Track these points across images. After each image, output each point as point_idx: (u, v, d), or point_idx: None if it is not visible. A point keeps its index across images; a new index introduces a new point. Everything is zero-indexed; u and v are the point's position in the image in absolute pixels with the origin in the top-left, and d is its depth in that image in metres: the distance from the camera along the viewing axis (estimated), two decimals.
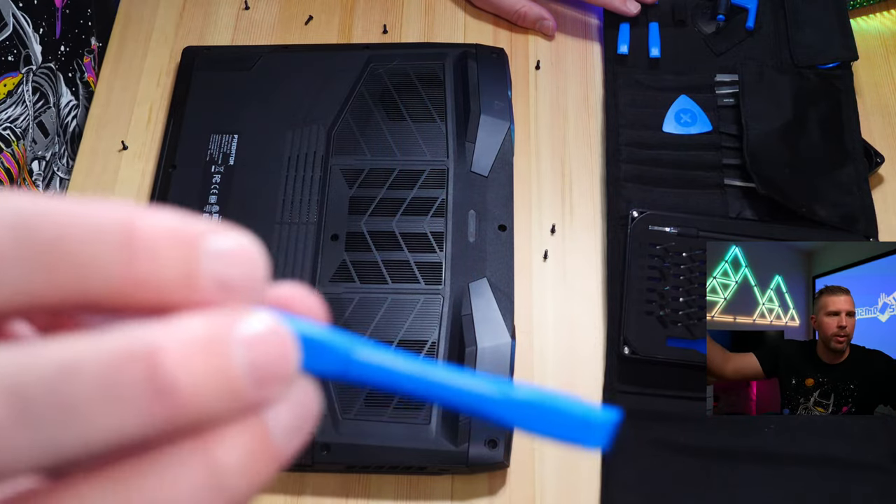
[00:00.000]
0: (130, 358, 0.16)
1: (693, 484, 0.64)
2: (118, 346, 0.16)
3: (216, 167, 0.75)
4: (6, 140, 0.71)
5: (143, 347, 0.16)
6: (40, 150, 0.78)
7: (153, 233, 0.17)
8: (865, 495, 0.64)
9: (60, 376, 0.16)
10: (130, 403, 0.16)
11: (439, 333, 0.67)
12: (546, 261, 0.74)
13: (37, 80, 0.75)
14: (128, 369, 0.16)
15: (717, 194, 0.74)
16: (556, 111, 0.81)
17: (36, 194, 0.17)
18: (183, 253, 0.18)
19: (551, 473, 0.65)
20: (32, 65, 0.73)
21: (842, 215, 0.72)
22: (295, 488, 0.65)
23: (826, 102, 0.78)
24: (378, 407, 0.64)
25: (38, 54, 0.74)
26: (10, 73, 0.71)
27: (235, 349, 0.17)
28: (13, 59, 0.71)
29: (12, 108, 0.71)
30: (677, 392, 0.67)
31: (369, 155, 0.75)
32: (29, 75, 0.73)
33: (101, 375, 0.16)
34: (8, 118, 0.71)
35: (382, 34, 0.85)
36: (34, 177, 0.78)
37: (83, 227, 0.17)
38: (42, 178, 0.79)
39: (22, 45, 0.71)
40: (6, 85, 0.70)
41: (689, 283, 0.68)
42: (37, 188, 0.78)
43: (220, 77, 0.80)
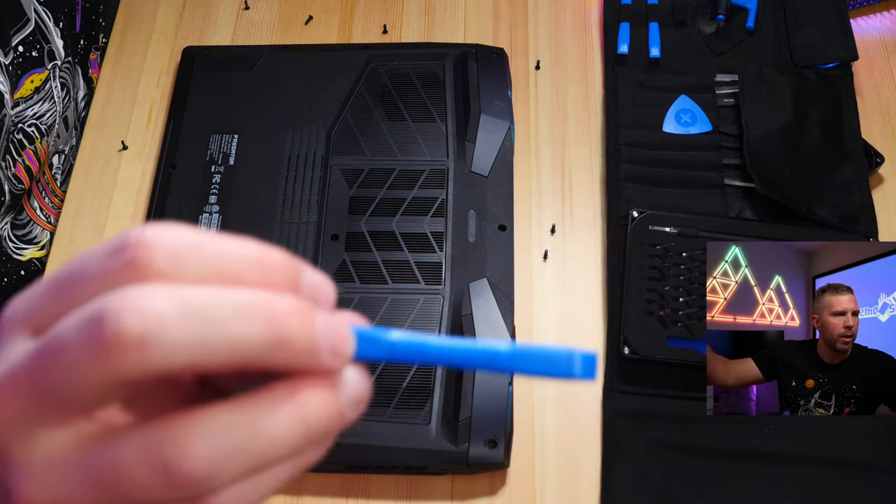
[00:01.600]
0: (258, 302, 0.24)
1: (693, 484, 0.64)
2: (252, 296, 0.25)
3: (216, 167, 0.75)
4: (30, 137, 0.71)
5: (268, 299, 0.25)
6: (62, 144, 0.78)
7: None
8: (865, 495, 0.64)
9: (213, 300, 0.24)
10: (254, 324, 0.24)
11: (439, 333, 0.67)
12: (546, 261, 0.74)
13: (62, 74, 0.75)
14: (255, 307, 0.24)
15: (717, 194, 0.74)
16: (556, 111, 0.81)
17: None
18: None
19: (551, 473, 0.65)
20: (57, 60, 0.73)
21: (842, 215, 0.72)
22: (295, 488, 0.65)
23: (826, 102, 0.78)
24: (378, 407, 0.64)
25: (60, 49, 0.73)
26: (37, 69, 0.71)
27: (319, 324, 0.26)
28: (37, 55, 0.70)
29: (39, 104, 0.71)
30: (677, 392, 0.67)
31: (369, 155, 0.75)
32: (55, 71, 0.73)
33: (236, 306, 0.24)
34: (34, 115, 0.71)
35: (382, 34, 0.85)
36: (53, 170, 0.78)
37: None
38: (61, 171, 0.79)
39: (45, 40, 0.71)
40: (33, 81, 0.70)
41: (689, 283, 0.68)
42: (56, 182, 0.78)
43: (220, 77, 0.80)
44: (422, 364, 0.31)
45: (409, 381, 0.65)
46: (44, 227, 0.76)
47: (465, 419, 0.63)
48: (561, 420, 0.67)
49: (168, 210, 0.74)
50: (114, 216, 0.77)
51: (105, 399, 0.24)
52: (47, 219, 0.77)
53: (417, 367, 0.66)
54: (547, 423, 0.67)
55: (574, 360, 0.27)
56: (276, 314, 0.24)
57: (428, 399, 0.65)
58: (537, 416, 0.67)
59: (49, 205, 0.78)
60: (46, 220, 0.77)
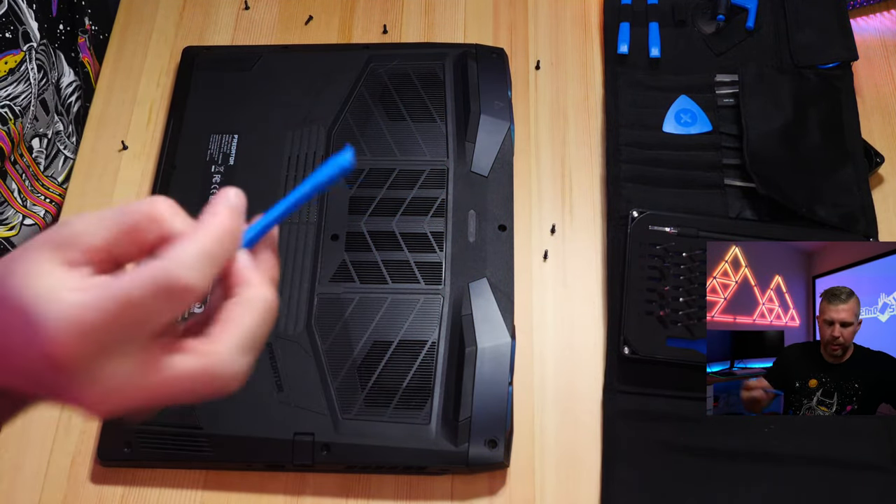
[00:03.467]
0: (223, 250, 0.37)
1: (693, 484, 0.64)
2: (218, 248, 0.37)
3: (216, 167, 0.75)
4: (3, 118, 0.71)
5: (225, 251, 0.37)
6: (41, 127, 0.77)
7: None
8: (865, 495, 0.64)
9: (209, 249, 0.35)
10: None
11: (439, 333, 0.67)
12: (546, 261, 0.74)
13: (39, 57, 0.74)
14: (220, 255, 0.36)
15: (717, 194, 0.74)
16: (556, 111, 0.81)
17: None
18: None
19: (551, 473, 0.65)
20: (33, 41, 0.73)
21: (842, 215, 0.72)
22: (295, 488, 0.65)
23: (826, 102, 0.78)
24: (378, 407, 0.64)
25: (35, 31, 0.73)
26: (11, 50, 0.70)
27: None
28: (11, 36, 0.70)
29: (13, 85, 0.71)
30: (677, 392, 0.67)
31: (369, 155, 0.75)
32: (31, 52, 0.72)
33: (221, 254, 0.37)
34: (7, 96, 0.71)
35: (382, 34, 0.85)
36: (34, 153, 0.77)
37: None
38: (44, 155, 0.79)
39: (18, 21, 0.71)
40: (7, 62, 0.70)
41: (689, 283, 0.68)
42: (38, 165, 0.78)
43: (220, 77, 0.80)
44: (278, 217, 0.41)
45: (409, 381, 0.65)
46: (17, 210, 0.76)
47: (465, 419, 0.63)
48: (561, 420, 0.67)
49: None
50: None
51: (165, 328, 0.35)
52: (23, 203, 0.77)
53: (417, 367, 0.66)
54: (547, 423, 0.67)
55: (347, 156, 0.38)
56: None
57: (428, 399, 0.65)
58: (537, 416, 0.67)
59: (29, 188, 0.77)
60: (22, 204, 0.77)
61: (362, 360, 0.66)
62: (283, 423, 0.64)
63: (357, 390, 0.65)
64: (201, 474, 0.66)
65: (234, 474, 0.66)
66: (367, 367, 0.66)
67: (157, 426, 0.64)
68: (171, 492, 0.66)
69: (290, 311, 0.68)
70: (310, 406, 0.65)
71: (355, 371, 0.66)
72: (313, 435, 0.63)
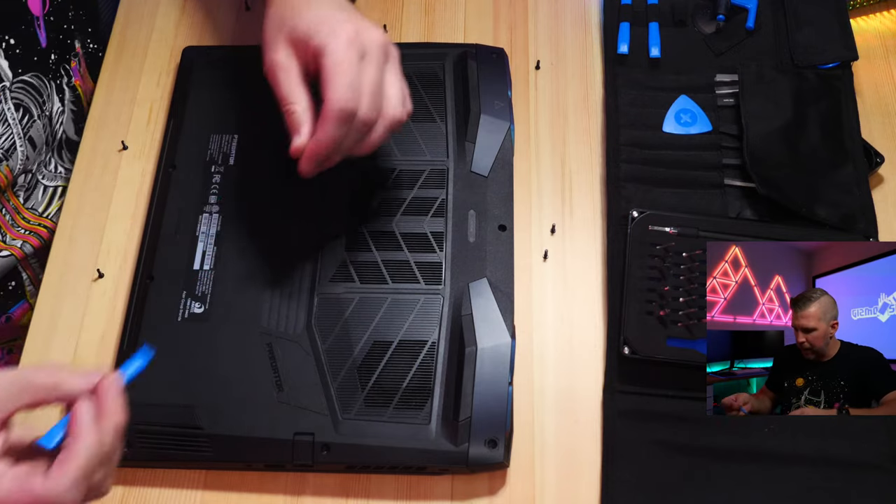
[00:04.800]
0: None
1: (693, 484, 0.64)
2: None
3: (216, 167, 0.75)
4: None
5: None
6: (31, 164, 0.76)
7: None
8: (865, 495, 0.64)
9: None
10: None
11: (439, 333, 0.67)
12: (546, 261, 0.74)
13: (15, 95, 0.72)
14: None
15: (717, 194, 0.74)
16: (556, 111, 0.81)
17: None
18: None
19: (551, 473, 0.65)
20: (5, 81, 0.71)
21: (842, 215, 0.72)
22: (295, 488, 0.65)
23: (826, 102, 0.78)
24: (378, 407, 0.65)
25: (6, 69, 0.71)
26: None
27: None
28: None
29: None
30: (677, 392, 0.67)
31: (369, 155, 0.75)
32: (5, 93, 0.71)
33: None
34: None
35: None
36: (16, 189, 0.76)
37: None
38: (24, 188, 0.77)
39: None
40: None
41: (689, 283, 0.68)
42: (18, 199, 0.77)
43: (220, 77, 0.80)
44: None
45: (409, 381, 0.65)
46: None
47: (465, 419, 0.63)
48: (561, 420, 0.67)
49: (168, 210, 0.73)
50: (114, 216, 0.76)
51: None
52: (3, 238, 0.76)
53: (417, 367, 0.66)
54: (547, 423, 0.67)
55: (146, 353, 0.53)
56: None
57: (428, 399, 0.65)
58: (537, 416, 0.67)
59: (10, 223, 0.76)
60: (2, 239, 0.76)
61: (362, 360, 0.66)
62: (282, 423, 0.64)
63: (357, 390, 0.65)
64: (201, 474, 0.66)
65: (234, 474, 0.66)
66: (367, 367, 0.66)
67: (157, 426, 0.64)
68: (171, 492, 0.66)
69: (290, 311, 0.68)
70: (310, 406, 0.65)
71: (355, 371, 0.66)
72: (313, 435, 0.63)
